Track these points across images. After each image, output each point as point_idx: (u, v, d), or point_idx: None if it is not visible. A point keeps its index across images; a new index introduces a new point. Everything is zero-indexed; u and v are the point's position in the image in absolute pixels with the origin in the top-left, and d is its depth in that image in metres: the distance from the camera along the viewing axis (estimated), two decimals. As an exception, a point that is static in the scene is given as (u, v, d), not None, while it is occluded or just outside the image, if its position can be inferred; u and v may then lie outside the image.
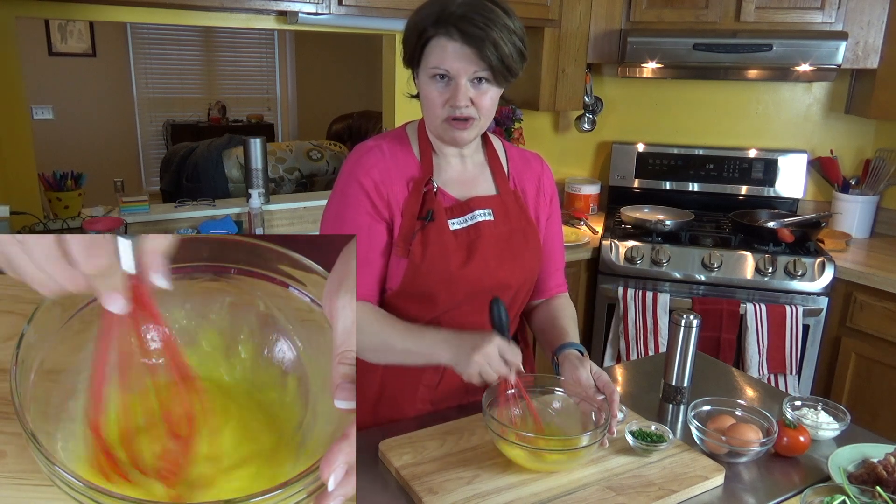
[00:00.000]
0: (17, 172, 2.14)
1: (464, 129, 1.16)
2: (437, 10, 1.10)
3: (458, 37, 1.09)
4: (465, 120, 1.15)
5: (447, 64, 1.11)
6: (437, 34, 1.10)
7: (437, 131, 1.20)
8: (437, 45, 1.11)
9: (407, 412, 1.29)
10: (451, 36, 1.09)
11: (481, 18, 1.08)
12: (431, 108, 1.16)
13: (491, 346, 1.08)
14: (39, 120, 5.94)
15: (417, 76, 1.18)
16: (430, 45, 1.12)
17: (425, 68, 1.14)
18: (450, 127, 1.16)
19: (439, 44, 1.11)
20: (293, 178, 4.15)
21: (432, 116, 1.17)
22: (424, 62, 1.14)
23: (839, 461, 1.11)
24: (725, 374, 1.56)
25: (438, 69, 1.12)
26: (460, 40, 1.09)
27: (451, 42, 1.10)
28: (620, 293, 2.47)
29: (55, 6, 2.10)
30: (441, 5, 1.11)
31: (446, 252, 1.19)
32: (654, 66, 2.82)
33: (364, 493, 1.01)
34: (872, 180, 2.71)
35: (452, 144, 1.23)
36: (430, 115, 1.18)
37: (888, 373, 2.29)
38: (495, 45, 1.09)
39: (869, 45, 2.48)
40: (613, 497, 1.03)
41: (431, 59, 1.12)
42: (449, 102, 1.13)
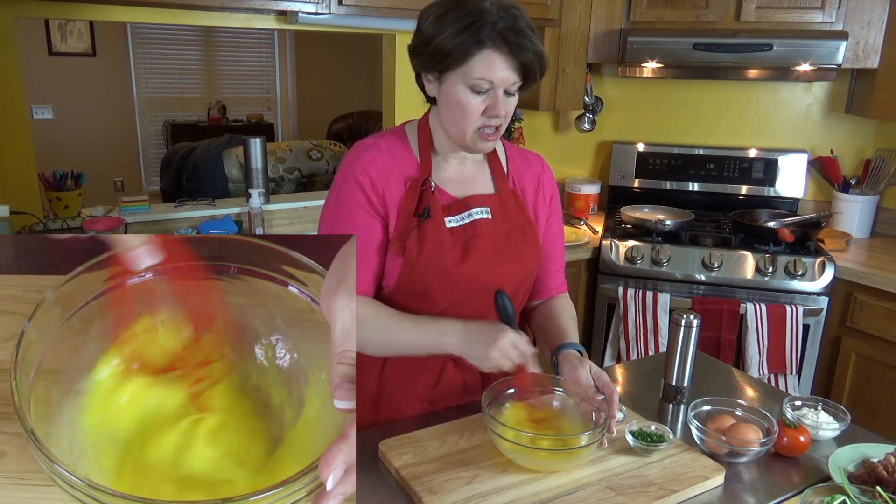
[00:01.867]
0: (17, 172, 2.15)
1: (494, 138, 1.17)
2: (476, 22, 1.08)
3: (506, 49, 1.08)
4: (497, 128, 1.16)
5: (493, 75, 1.10)
6: (486, 47, 1.08)
7: (463, 139, 1.17)
8: (484, 57, 1.09)
9: (405, 412, 1.29)
10: (500, 49, 1.08)
11: (524, 28, 1.08)
12: (466, 117, 1.14)
13: (504, 339, 1.09)
14: (39, 120, 5.95)
15: (443, 82, 1.15)
16: (477, 57, 1.09)
17: (463, 77, 1.11)
18: (480, 137, 1.16)
19: (486, 55, 1.09)
20: (293, 177, 4.16)
21: (463, 125, 1.15)
22: (463, 72, 1.11)
23: (839, 461, 1.11)
24: (725, 374, 1.56)
25: (483, 81, 1.10)
26: (508, 53, 1.08)
27: (499, 54, 1.09)
28: (620, 293, 2.47)
29: (55, 6, 2.10)
30: (478, 15, 1.08)
31: (442, 249, 1.19)
32: (654, 65, 2.82)
33: (364, 492, 1.02)
34: (872, 180, 2.71)
35: (476, 152, 1.22)
36: (462, 124, 1.15)
37: (888, 373, 2.29)
38: (538, 54, 1.10)
39: (869, 45, 2.48)
40: (613, 497, 1.03)
41: (475, 70, 1.09)
42: (487, 112, 1.13)
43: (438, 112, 1.20)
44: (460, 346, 1.14)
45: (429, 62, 1.14)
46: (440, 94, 1.17)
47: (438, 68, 1.13)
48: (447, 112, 1.17)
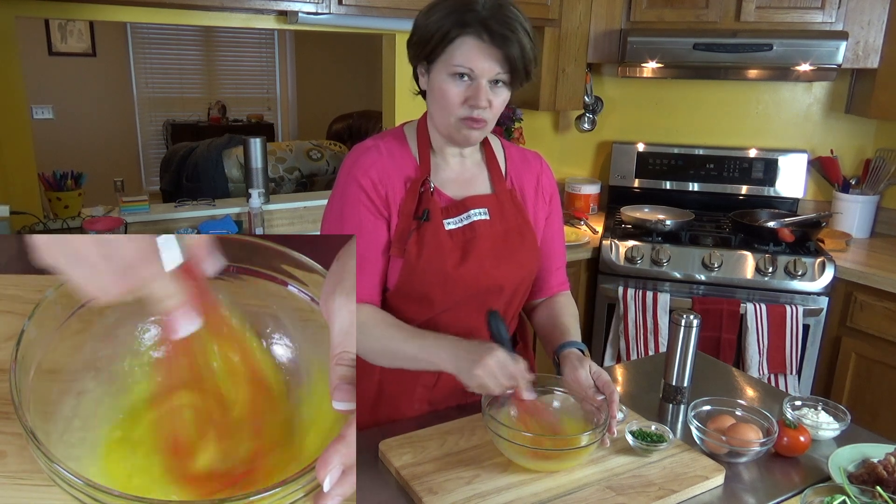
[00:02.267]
0: (17, 172, 2.15)
1: (477, 129, 1.16)
2: (461, 9, 1.09)
3: (486, 37, 1.08)
4: (479, 120, 1.15)
5: (473, 63, 1.10)
6: (465, 33, 1.09)
7: (448, 130, 1.18)
8: (464, 44, 1.09)
9: (405, 412, 1.29)
10: (480, 36, 1.08)
11: (509, 21, 1.08)
12: (447, 107, 1.14)
13: (492, 358, 1.06)
14: (39, 120, 5.94)
15: (430, 73, 1.16)
16: (456, 44, 1.10)
17: (446, 65, 1.12)
18: (464, 126, 1.15)
19: (466, 42, 1.09)
20: (293, 177, 4.16)
21: (446, 114, 1.15)
22: (445, 59, 1.11)
23: (839, 461, 1.11)
24: (725, 374, 1.56)
25: (462, 67, 1.10)
26: (489, 41, 1.08)
27: (479, 42, 1.09)
28: (620, 293, 2.47)
29: (55, 6, 2.10)
30: (465, 5, 1.09)
31: (442, 252, 1.19)
32: (654, 65, 2.82)
33: (364, 493, 1.01)
34: (872, 180, 2.71)
35: (461, 144, 1.22)
36: (444, 113, 1.16)
37: (888, 373, 2.29)
38: (521, 47, 1.09)
39: (869, 45, 2.48)
40: (613, 497, 1.03)
41: (456, 57, 1.10)
42: (468, 102, 1.13)
43: (428, 104, 1.21)
44: (450, 362, 1.10)
45: (418, 52, 1.16)
46: (429, 86, 1.18)
47: (426, 57, 1.15)
48: (433, 102, 1.18)
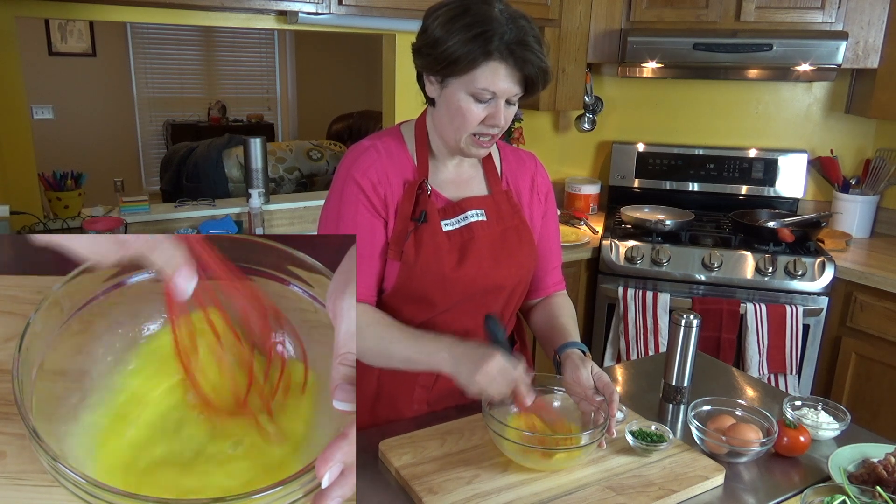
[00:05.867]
0: (17, 172, 2.14)
1: (489, 146, 1.17)
2: (486, 34, 1.06)
3: (512, 62, 1.08)
4: (493, 136, 1.16)
5: (497, 87, 1.09)
6: (492, 58, 1.07)
7: (457, 143, 1.17)
8: (490, 68, 1.08)
9: (404, 412, 1.29)
10: (506, 61, 1.08)
11: (531, 44, 1.08)
12: (464, 124, 1.14)
13: (492, 364, 1.06)
14: (39, 120, 5.94)
15: (444, 86, 1.14)
16: (481, 69, 1.08)
17: (466, 85, 1.10)
18: (474, 143, 1.16)
19: (492, 67, 1.08)
20: (293, 177, 4.16)
21: (461, 130, 1.15)
22: (469, 80, 1.10)
23: (839, 461, 1.11)
24: (725, 374, 1.56)
25: (487, 92, 1.10)
26: (514, 65, 1.08)
27: (505, 66, 1.08)
28: (620, 293, 2.47)
29: (55, 6, 2.10)
30: (489, 24, 1.07)
31: (440, 254, 1.19)
32: (654, 65, 2.82)
33: (364, 492, 1.02)
34: (872, 180, 2.71)
35: (469, 157, 1.23)
36: (459, 129, 1.15)
37: (888, 373, 2.29)
38: (543, 70, 1.10)
39: (869, 45, 2.48)
40: (613, 497, 1.03)
41: (481, 80, 1.09)
42: (487, 121, 1.13)
43: (436, 114, 1.20)
44: (450, 365, 1.10)
45: (434, 65, 1.13)
46: (441, 97, 1.16)
47: (443, 72, 1.12)
48: (446, 116, 1.16)
